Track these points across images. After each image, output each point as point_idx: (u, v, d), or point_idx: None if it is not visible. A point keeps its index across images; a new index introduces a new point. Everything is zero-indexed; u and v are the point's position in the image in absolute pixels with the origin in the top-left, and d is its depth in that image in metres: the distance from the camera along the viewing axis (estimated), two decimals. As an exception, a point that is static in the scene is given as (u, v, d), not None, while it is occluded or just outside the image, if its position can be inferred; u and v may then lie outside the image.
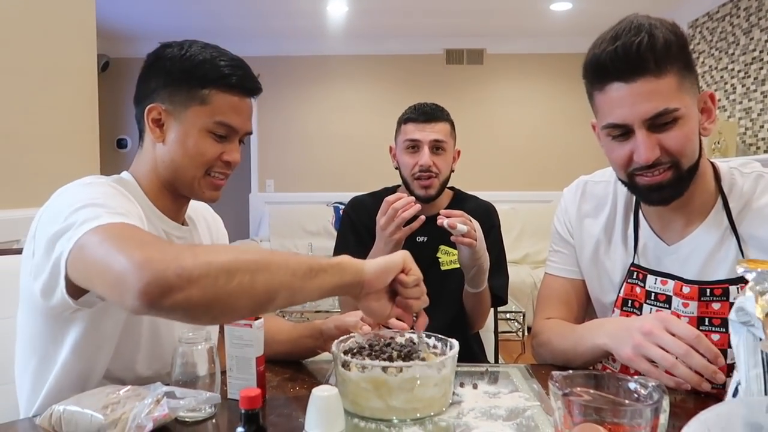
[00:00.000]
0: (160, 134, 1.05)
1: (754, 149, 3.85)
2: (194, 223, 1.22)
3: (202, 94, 1.03)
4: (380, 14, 4.85)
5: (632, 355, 0.93)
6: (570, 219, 1.28)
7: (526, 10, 4.75)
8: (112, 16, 4.70)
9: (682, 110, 0.97)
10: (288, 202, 5.61)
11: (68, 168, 2.07)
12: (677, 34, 0.98)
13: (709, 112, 1.03)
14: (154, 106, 1.05)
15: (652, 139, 0.98)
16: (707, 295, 1.06)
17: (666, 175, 1.00)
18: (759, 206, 1.04)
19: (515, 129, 5.64)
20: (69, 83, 2.11)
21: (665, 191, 1.02)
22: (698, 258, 1.08)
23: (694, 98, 1.00)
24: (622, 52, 0.96)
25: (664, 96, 0.96)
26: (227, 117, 1.05)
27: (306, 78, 5.66)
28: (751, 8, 3.87)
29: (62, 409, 0.83)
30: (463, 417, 0.91)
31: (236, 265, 0.75)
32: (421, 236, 1.62)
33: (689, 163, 1.01)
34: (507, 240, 1.80)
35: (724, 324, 1.04)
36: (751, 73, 3.88)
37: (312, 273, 0.82)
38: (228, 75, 1.04)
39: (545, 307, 1.31)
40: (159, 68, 1.06)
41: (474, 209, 1.71)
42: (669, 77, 0.96)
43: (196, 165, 1.05)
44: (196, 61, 1.04)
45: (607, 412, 0.67)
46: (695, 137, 1.00)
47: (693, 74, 1.01)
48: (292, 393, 1.04)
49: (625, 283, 1.18)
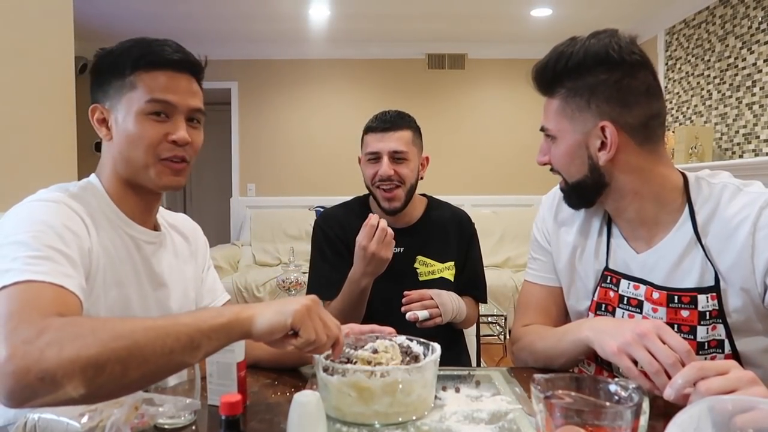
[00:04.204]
0: (107, 132, 1.05)
1: (729, 154, 3.92)
2: (168, 230, 1.19)
3: (130, 80, 1.02)
4: (362, 18, 4.86)
5: (617, 350, 0.92)
6: (547, 227, 1.30)
7: (507, 16, 4.80)
8: (90, 17, 4.64)
9: (553, 131, 1.11)
10: (269, 206, 5.58)
11: (45, 171, 2.04)
12: (588, 60, 1.04)
13: (604, 143, 1.06)
14: (95, 106, 1.06)
15: (546, 145, 1.16)
16: (675, 302, 1.07)
17: (562, 183, 1.17)
18: (724, 218, 1.04)
19: (496, 133, 5.68)
20: (46, 85, 2.08)
21: (566, 198, 1.19)
22: (664, 266, 1.10)
23: (579, 126, 1.08)
24: (533, 72, 1.13)
25: (547, 116, 1.13)
26: (158, 93, 1.02)
27: (288, 82, 5.64)
28: (726, 16, 3.95)
29: (37, 417, 0.81)
30: (446, 421, 0.91)
31: (105, 357, 0.71)
32: (397, 247, 1.61)
33: (570, 180, 1.13)
34: (488, 244, 1.83)
35: (693, 331, 1.05)
36: (726, 80, 3.96)
37: (194, 344, 0.77)
38: (153, 51, 1.03)
39: (524, 314, 1.31)
40: (93, 70, 1.08)
41: (449, 219, 1.75)
42: (553, 100, 1.10)
43: (143, 150, 1.02)
44: (119, 51, 1.05)
45: (589, 414, 0.67)
46: (570, 159, 1.11)
47: (587, 102, 1.05)
48: (274, 398, 1.03)
49: (599, 288, 1.18)
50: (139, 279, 1.07)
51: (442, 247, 1.70)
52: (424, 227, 1.72)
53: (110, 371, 0.71)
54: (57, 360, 0.70)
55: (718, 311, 1.04)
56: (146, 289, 1.09)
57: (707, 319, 1.05)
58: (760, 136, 3.64)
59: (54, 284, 0.83)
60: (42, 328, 0.73)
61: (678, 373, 0.83)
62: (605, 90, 1.03)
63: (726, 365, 0.82)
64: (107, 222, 1.04)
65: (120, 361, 0.72)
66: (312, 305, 0.87)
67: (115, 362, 0.72)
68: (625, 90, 1.03)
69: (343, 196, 1.84)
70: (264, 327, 0.83)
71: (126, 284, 1.04)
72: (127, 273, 1.05)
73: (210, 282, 1.29)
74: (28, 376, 0.69)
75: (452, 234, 1.72)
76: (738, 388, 0.78)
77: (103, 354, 0.71)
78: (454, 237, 1.72)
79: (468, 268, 1.72)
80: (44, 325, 0.74)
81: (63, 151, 2.17)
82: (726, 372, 0.80)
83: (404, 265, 1.64)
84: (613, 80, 1.03)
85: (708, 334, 1.05)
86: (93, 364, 0.71)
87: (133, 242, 1.07)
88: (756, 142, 3.68)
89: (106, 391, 0.74)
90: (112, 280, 1.01)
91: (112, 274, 1.01)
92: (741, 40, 3.80)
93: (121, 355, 0.72)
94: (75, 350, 0.71)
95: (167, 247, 1.16)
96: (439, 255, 1.68)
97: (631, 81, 1.03)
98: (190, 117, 1.07)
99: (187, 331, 0.77)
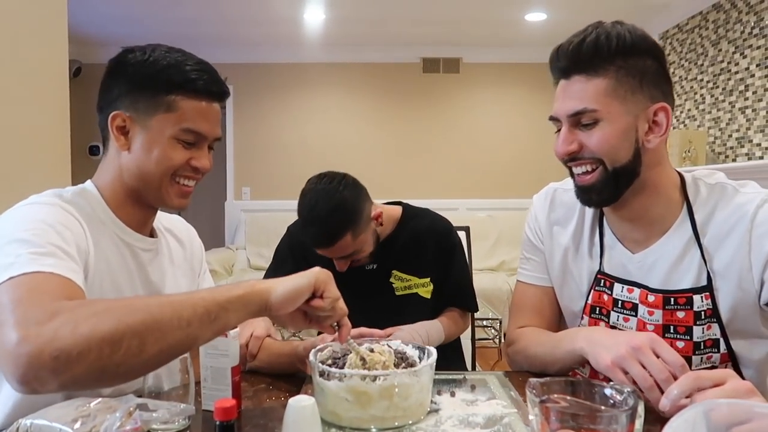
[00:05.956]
0: (125, 142, 1.02)
1: (723, 158, 3.94)
2: (164, 235, 1.18)
3: (168, 100, 0.99)
4: (357, 23, 4.86)
5: (611, 364, 0.92)
6: (540, 227, 1.29)
7: (501, 20, 4.81)
8: (84, 21, 4.63)
9: (601, 113, 1.01)
10: (264, 210, 5.56)
11: (39, 175, 2.03)
12: (637, 44, 1.01)
13: (658, 126, 1.04)
14: (118, 113, 1.01)
15: (572, 134, 1.05)
16: (671, 303, 1.08)
17: (594, 176, 1.05)
18: (721, 217, 1.05)
19: (491, 137, 5.69)
20: (40, 89, 2.07)
21: (593, 193, 1.08)
22: (663, 267, 1.09)
23: (635, 107, 1.02)
24: (562, 53, 1.04)
25: (588, 97, 1.01)
26: (195, 123, 1.01)
27: (283, 85, 5.64)
28: (719, 21, 3.97)
29: (29, 423, 0.80)
30: (441, 425, 0.91)
31: (121, 332, 0.70)
32: (371, 264, 1.56)
33: (615, 165, 1.03)
34: (483, 247, 1.80)
35: (689, 332, 1.06)
36: (719, 84, 3.98)
37: (211, 316, 0.77)
38: (194, 79, 1.01)
39: (518, 315, 1.31)
40: (121, 74, 1.02)
41: (425, 231, 1.63)
42: (599, 79, 1.01)
43: (163, 170, 1.02)
44: (159, 65, 1.00)
45: (584, 418, 0.68)
46: (617, 143, 1.02)
47: (641, 84, 1.02)
48: (269, 403, 1.02)
49: (593, 291, 1.18)
50: (134, 286, 1.06)
51: (418, 260, 1.61)
52: (398, 240, 1.62)
53: (127, 347, 0.70)
54: (71, 337, 0.68)
55: (712, 310, 1.05)
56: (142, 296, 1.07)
57: (702, 318, 1.06)
58: (753, 140, 3.66)
59: (61, 276, 0.82)
60: (54, 310, 0.71)
61: (674, 384, 0.82)
62: (653, 75, 1.03)
63: (722, 375, 0.82)
64: (103, 228, 1.02)
65: (137, 335, 0.71)
66: (330, 275, 0.90)
67: (131, 337, 0.70)
68: (665, 77, 1.05)
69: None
70: (285, 293, 0.83)
71: (123, 291, 1.03)
72: (123, 280, 1.04)
73: (206, 287, 1.28)
74: (42, 357, 0.67)
75: (429, 247, 1.62)
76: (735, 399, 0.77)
77: (119, 329, 0.70)
78: (432, 251, 1.62)
79: (451, 281, 1.64)
80: (56, 307, 0.72)
81: (57, 154, 2.16)
82: (723, 382, 0.80)
83: (379, 281, 1.58)
84: (656, 66, 1.03)
85: (704, 333, 1.06)
86: (109, 339, 0.69)
87: (129, 249, 1.06)
88: (749, 146, 3.70)
89: (123, 368, 0.72)
90: (109, 286, 1.00)
91: (109, 280, 1.00)
92: (734, 45, 3.82)
93: (138, 330, 0.71)
94: (90, 327, 0.69)
95: (163, 254, 1.15)
96: (415, 269, 1.61)
97: (665, 71, 1.06)
98: (210, 145, 1.08)
99: (204, 304, 0.77)
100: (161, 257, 1.14)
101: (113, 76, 1.03)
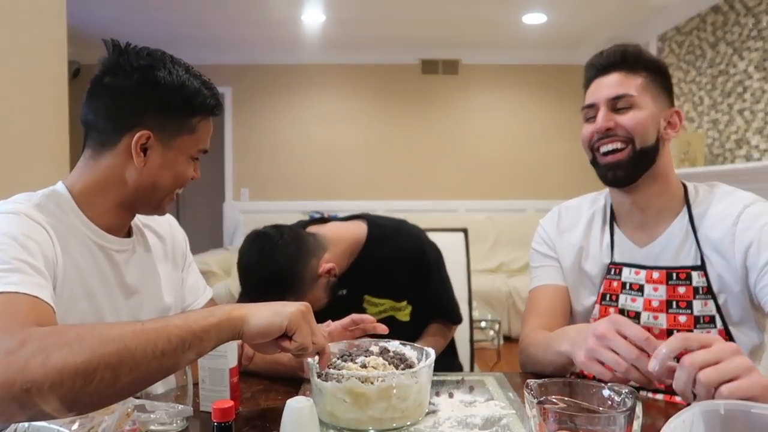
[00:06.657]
0: (143, 159, 1.00)
1: (721, 159, 3.95)
2: (141, 232, 1.16)
3: (192, 123, 1.03)
4: (356, 24, 4.87)
5: (585, 359, 0.95)
6: (550, 237, 1.37)
7: (500, 22, 4.82)
8: (83, 22, 4.63)
9: (637, 99, 1.18)
10: (263, 211, 5.56)
11: (37, 175, 2.03)
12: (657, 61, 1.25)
13: (674, 125, 1.23)
14: (145, 133, 0.99)
15: (609, 115, 1.20)
16: (674, 278, 1.18)
17: (624, 153, 1.19)
18: (714, 212, 1.18)
19: (490, 138, 5.69)
20: (39, 90, 2.07)
21: (619, 170, 1.20)
22: (666, 256, 1.21)
23: (659, 105, 1.21)
24: (605, 55, 1.24)
25: (627, 86, 1.20)
26: (206, 143, 1.08)
27: (282, 87, 5.64)
28: (717, 23, 3.98)
29: (27, 424, 0.80)
30: (440, 426, 0.91)
31: (95, 363, 0.68)
32: (341, 289, 1.47)
33: (642, 145, 1.18)
34: (482, 249, 1.79)
35: (689, 306, 1.16)
36: (717, 86, 3.99)
37: (185, 346, 0.75)
38: (214, 105, 1.05)
39: (530, 319, 1.33)
40: (151, 93, 0.99)
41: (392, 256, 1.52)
42: (638, 78, 1.20)
43: (176, 186, 1.06)
44: (190, 90, 1.02)
45: (582, 419, 0.68)
46: (648, 126, 1.19)
47: (663, 91, 1.23)
48: (267, 404, 1.02)
49: (604, 280, 1.26)
50: (109, 289, 1.04)
51: (391, 283, 1.53)
52: (365, 267, 1.53)
53: (100, 378, 0.69)
54: (43, 369, 0.66)
55: (707, 288, 1.16)
56: (118, 299, 1.05)
57: (700, 293, 1.16)
58: (751, 142, 3.67)
59: (28, 295, 0.80)
60: (24, 338, 0.70)
61: (663, 344, 0.85)
62: (669, 87, 1.26)
63: (709, 338, 0.85)
64: (74, 232, 0.99)
65: (110, 366, 0.69)
66: (306, 311, 0.87)
67: (105, 368, 0.69)
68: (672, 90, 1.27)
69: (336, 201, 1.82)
70: (258, 327, 0.82)
71: (96, 295, 1.00)
72: (96, 284, 1.01)
73: (192, 281, 1.27)
74: (13, 389, 0.66)
75: (401, 272, 1.53)
76: (722, 359, 0.80)
77: (92, 360, 0.69)
78: (404, 275, 1.53)
79: (431, 299, 1.57)
80: (26, 335, 0.70)
81: (56, 154, 2.16)
82: (709, 344, 0.83)
83: (350, 308, 1.39)
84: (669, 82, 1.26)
85: (702, 309, 1.16)
86: (82, 371, 0.68)
87: (103, 252, 1.03)
88: (747, 148, 3.71)
89: (96, 399, 0.71)
90: (82, 292, 0.98)
91: (81, 286, 0.98)
92: (732, 47, 3.83)
93: (111, 361, 0.70)
94: (62, 358, 0.68)
95: (139, 253, 1.13)
96: (389, 292, 1.54)
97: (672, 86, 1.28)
98: None
99: (178, 332, 0.75)
100: (137, 255, 1.12)
101: (140, 90, 1.00)
